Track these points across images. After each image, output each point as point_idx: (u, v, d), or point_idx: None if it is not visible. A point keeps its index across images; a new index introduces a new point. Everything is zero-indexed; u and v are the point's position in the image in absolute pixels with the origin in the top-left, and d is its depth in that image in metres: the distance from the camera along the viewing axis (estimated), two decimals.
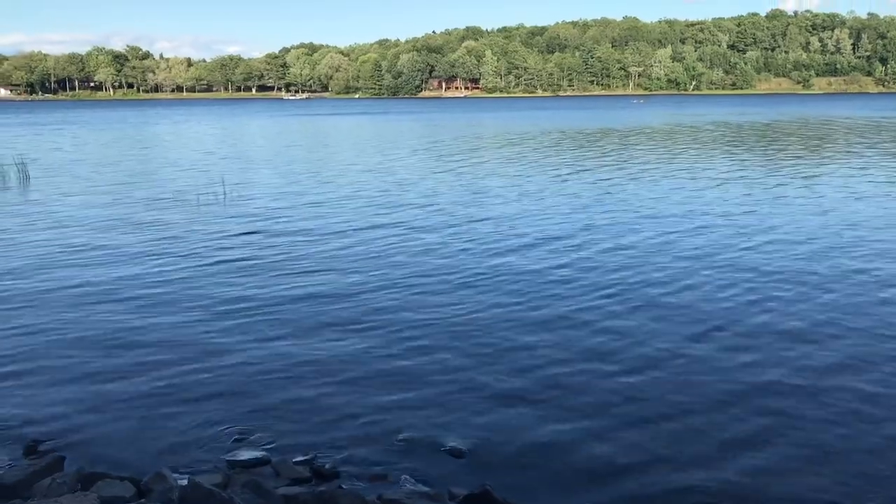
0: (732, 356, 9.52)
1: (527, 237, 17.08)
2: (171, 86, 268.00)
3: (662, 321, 10.92)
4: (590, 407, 8.12)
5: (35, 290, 12.84)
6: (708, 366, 9.22)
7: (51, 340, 10.27)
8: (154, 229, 18.44)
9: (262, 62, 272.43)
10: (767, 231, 17.51)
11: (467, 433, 7.53)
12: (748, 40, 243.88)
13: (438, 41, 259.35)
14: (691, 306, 11.64)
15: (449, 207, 21.41)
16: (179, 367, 9.27)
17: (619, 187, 25.55)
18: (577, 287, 12.79)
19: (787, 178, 27.59)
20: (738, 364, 9.25)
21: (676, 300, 11.99)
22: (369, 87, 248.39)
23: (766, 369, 9.08)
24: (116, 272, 14.08)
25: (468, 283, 13.12)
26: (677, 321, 10.92)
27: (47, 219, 20.15)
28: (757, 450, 7.16)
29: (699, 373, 9.01)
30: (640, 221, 18.94)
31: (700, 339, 10.16)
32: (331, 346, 9.98)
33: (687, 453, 7.11)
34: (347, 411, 8.06)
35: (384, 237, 17.23)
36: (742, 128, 62.57)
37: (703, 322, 10.86)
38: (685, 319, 11.00)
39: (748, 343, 9.99)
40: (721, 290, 12.50)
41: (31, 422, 7.83)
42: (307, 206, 21.94)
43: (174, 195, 24.49)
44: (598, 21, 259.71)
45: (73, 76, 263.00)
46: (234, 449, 7.26)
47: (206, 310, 11.66)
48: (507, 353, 9.72)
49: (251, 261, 14.91)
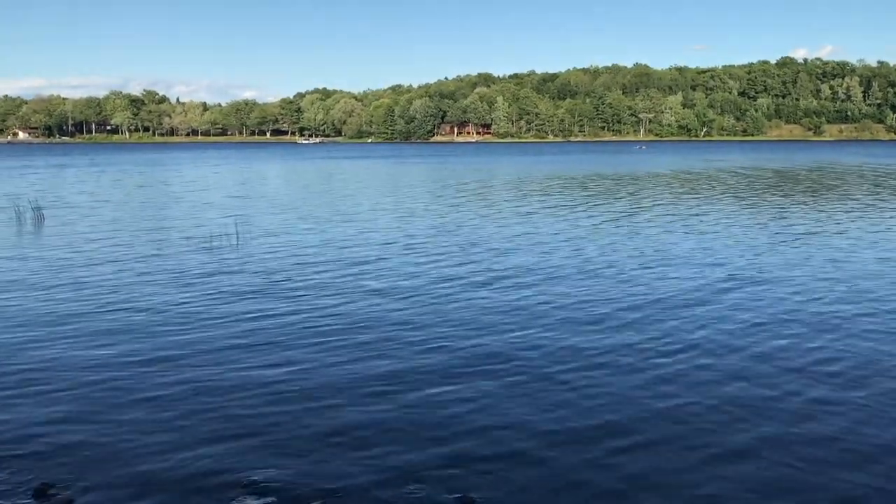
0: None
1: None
2: (187, 129, 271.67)
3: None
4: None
5: (44, 331, 12.90)
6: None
7: (58, 385, 10.29)
8: (165, 273, 18.54)
9: (276, 107, 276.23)
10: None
11: (480, 481, 7.47)
12: (759, 87, 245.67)
13: (451, 87, 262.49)
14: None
15: (471, 252, 21.44)
16: (188, 411, 9.27)
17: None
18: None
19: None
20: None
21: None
22: (382, 131, 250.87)
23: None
24: (126, 315, 14.14)
25: (492, 321, 13.13)
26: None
27: (55, 262, 20.28)
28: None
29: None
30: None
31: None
32: (342, 392, 9.96)
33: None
34: (359, 457, 8.02)
35: (400, 278, 17.28)
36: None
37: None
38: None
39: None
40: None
41: (42, 463, 7.83)
42: (321, 250, 22.03)
43: (187, 238, 24.66)
44: (609, 68, 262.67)
45: (91, 119, 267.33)
46: (243, 494, 7.23)
47: (215, 353, 11.68)
48: (531, 403, 9.68)
49: (261, 304, 14.95)
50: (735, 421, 8.99)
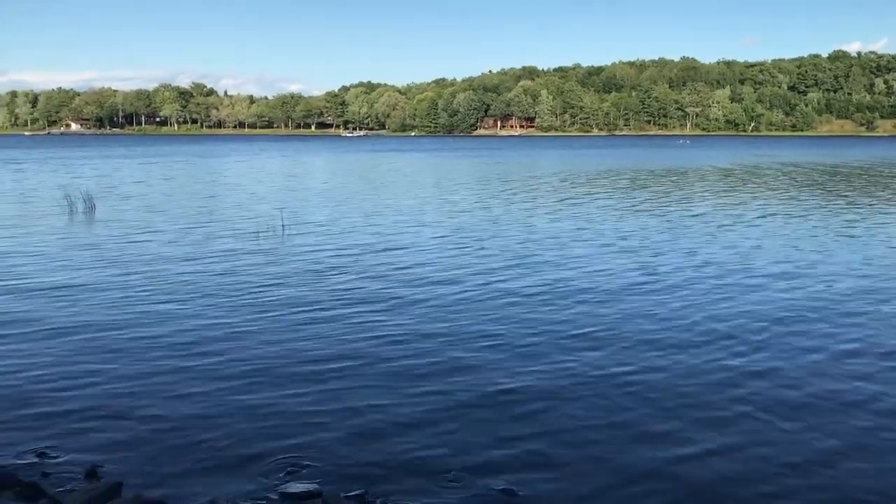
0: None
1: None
2: (234, 122, 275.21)
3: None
4: (645, 473, 7.97)
5: (93, 321, 13.17)
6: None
7: (108, 370, 10.50)
8: (211, 263, 18.80)
9: (321, 100, 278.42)
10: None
11: (522, 474, 7.44)
12: (809, 81, 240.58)
13: (494, 80, 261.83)
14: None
15: (519, 249, 21.37)
16: (233, 399, 9.39)
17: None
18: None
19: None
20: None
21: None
22: (425, 125, 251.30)
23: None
24: (172, 304, 14.38)
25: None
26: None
27: (104, 250, 20.68)
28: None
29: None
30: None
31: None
32: (385, 382, 10.00)
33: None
34: (400, 447, 8.04)
35: (439, 270, 17.30)
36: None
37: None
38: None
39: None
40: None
41: (92, 448, 8.00)
42: (365, 242, 22.16)
43: (234, 228, 24.98)
44: (655, 61, 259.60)
45: (141, 111, 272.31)
46: (286, 481, 7.30)
47: (258, 341, 11.81)
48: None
49: (307, 296, 15.07)
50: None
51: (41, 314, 13.42)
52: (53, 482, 7.15)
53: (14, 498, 6.37)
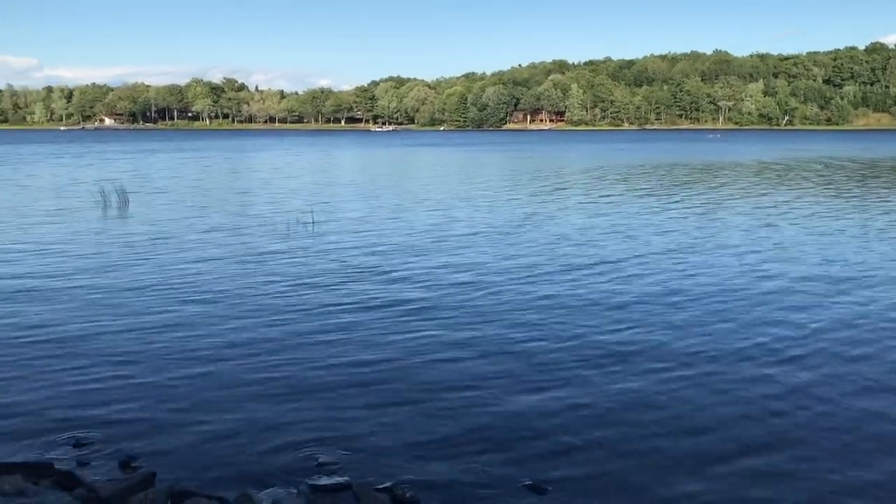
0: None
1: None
2: (264, 117, 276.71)
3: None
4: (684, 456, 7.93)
5: (127, 316, 13.37)
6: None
7: (142, 365, 10.66)
8: (241, 258, 18.99)
9: (351, 95, 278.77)
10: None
11: (550, 468, 7.45)
12: (845, 74, 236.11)
13: (524, 74, 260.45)
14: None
15: (549, 246, 21.34)
16: (266, 392, 9.49)
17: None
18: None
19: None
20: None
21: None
22: (454, 119, 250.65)
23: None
24: (202, 303, 14.55)
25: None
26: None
27: (136, 247, 20.95)
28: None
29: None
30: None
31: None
32: (417, 375, 10.06)
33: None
34: (429, 439, 8.09)
35: (471, 266, 17.31)
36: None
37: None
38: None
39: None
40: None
41: (127, 437, 8.14)
42: (395, 237, 22.23)
43: (264, 223, 25.17)
44: (687, 54, 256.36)
45: (173, 106, 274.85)
46: (317, 473, 7.37)
47: (286, 339, 11.92)
48: (584, 392, 9.60)
49: (339, 291, 15.18)
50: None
51: (75, 310, 13.67)
52: (89, 472, 7.30)
53: (51, 486, 6.51)
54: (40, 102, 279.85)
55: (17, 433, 8.24)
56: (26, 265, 17.80)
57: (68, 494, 6.00)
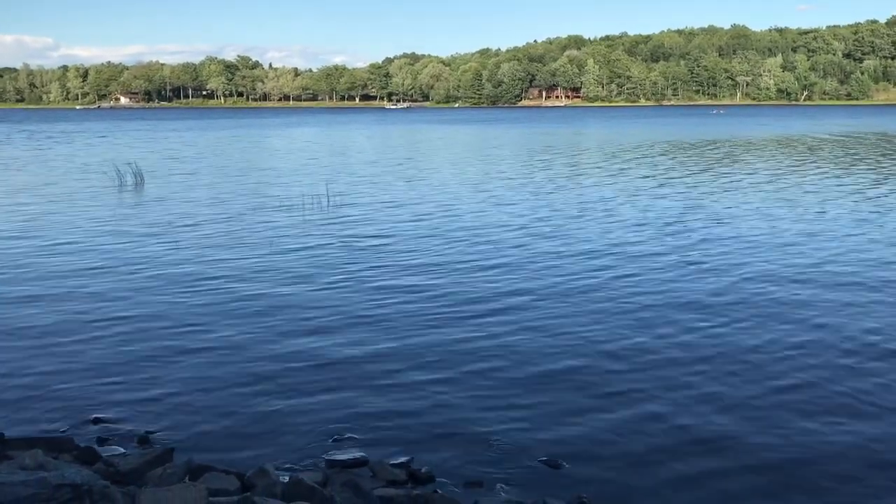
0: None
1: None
2: (279, 95, 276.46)
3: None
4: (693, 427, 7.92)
5: (146, 293, 13.47)
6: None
7: (159, 341, 10.75)
8: (256, 235, 19.06)
9: (365, 72, 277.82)
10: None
11: (564, 444, 7.47)
12: (865, 48, 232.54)
13: (539, 50, 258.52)
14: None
15: (566, 222, 21.29)
16: (282, 369, 9.55)
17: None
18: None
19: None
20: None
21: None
22: (469, 96, 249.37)
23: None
24: (218, 278, 14.63)
25: (566, 291, 13.05)
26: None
27: (152, 221, 21.07)
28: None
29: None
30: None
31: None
32: (432, 353, 10.08)
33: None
34: (444, 417, 8.12)
35: (487, 244, 17.31)
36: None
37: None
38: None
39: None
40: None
41: (145, 414, 8.23)
42: (410, 214, 22.23)
43: (279, 200, 25.21)
44: (704, 29, 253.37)
45: (188, 85, 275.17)
46: (333, 448, 7.42)
47: (305, 314, 11.98)
48: (595, 364, 9.60)
49: (351, 267, 15.22)
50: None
51: (92, 288, 13.79)
52: (108, 447, 7.39)
53: (72, 461, 6.58)
54: (56, 82, 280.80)
55: (38, 411, 8.34)
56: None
57: (88, 468, 6.06)
